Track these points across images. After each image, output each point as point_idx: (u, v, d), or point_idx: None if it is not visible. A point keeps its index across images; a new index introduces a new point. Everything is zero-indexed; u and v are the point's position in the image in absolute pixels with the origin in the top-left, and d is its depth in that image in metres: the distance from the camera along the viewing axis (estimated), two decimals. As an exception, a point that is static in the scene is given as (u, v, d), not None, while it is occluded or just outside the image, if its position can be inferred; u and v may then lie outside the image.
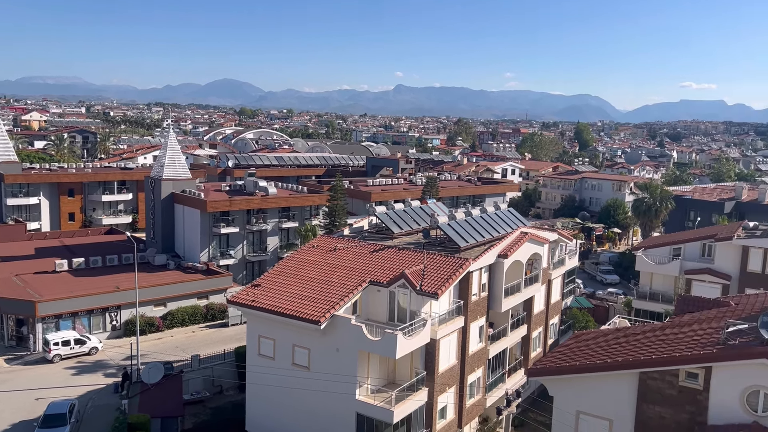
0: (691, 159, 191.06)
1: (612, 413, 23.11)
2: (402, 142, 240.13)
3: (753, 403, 20.47)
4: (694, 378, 21.36)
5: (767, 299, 25.47)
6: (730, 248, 46.57)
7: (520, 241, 38.01)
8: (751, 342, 20.78)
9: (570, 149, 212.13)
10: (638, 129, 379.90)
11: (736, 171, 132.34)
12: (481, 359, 36.34)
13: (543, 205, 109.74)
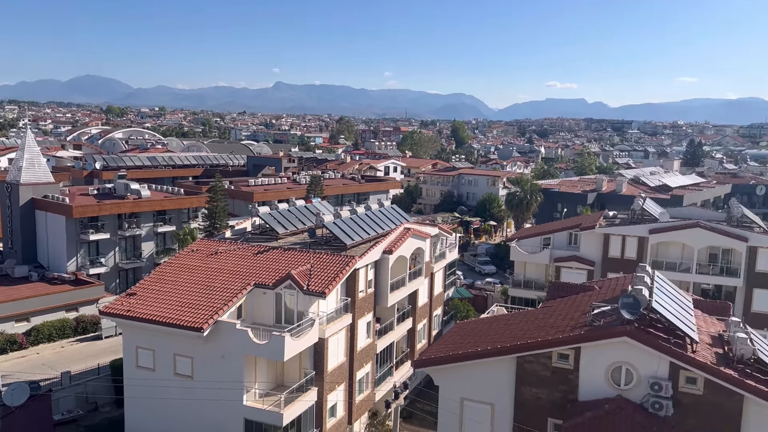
0: (557, 154, 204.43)
1: (493, 397, 24.26)
2: (284, 140, 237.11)
3: (617, 378, 22.31)
4: (565, 359, 22.92)
5: (626, 282, 27.82)
6: (593, 236, 50.44)
7: (404, 237, 38.85)
8: (614, 322, 22.63)
9: (447, 146, 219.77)
10: (509, 126, 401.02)
11: (597, 164, 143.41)
12: (369, 355, 36.77)
13: (424, 201, 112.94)
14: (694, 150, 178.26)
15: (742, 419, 20.69)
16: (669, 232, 47.86)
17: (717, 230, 46.78)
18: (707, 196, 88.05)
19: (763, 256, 45.65)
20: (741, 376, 20.68)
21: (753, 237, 46.10)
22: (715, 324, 25.32)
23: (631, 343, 21.74)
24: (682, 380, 21.33)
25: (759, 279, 45.74)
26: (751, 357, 21.33)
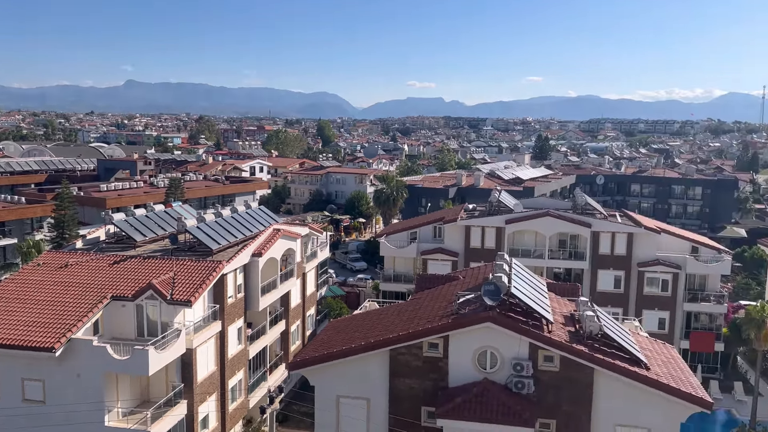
0: (419, 151, 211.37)
1: (368, 392, 24.55)
2: (138, 141, 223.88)
3: (483, 362, 23.48)
4: (435, 348, 23.74)
5: (487, 270, 29.33)
6: (456, 229, 52.75)
7: (274, 238, 38.19)
8: (478, 309, 23.79)
9: (314, 145, 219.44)
10: (373, 125, 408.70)
11: (456, 160, 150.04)
12: (241, 361, 35.76)
13: (293, 201, 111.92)
14: (542, 144, 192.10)
15: (593, 390, 22.63)
16: (523, 221, 51.22)
17: (565, 218, 50.81)
18: (555, 186, 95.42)
19: (604, 240, 50.23)
20: (591, 351, 22.60)
21: (596, 223, 50.60)
22: (567, 304, 27.44)
23: (494, 327, 22.98)
24: (540, 359, 22.90)
25: (602, 261, 50.32)
26: (598, 333, 23.35)
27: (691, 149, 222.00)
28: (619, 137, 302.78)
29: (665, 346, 26.83)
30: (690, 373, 23.87)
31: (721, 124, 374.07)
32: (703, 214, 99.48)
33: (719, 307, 49.41)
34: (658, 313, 49.56)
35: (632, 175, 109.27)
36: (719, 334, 49.44)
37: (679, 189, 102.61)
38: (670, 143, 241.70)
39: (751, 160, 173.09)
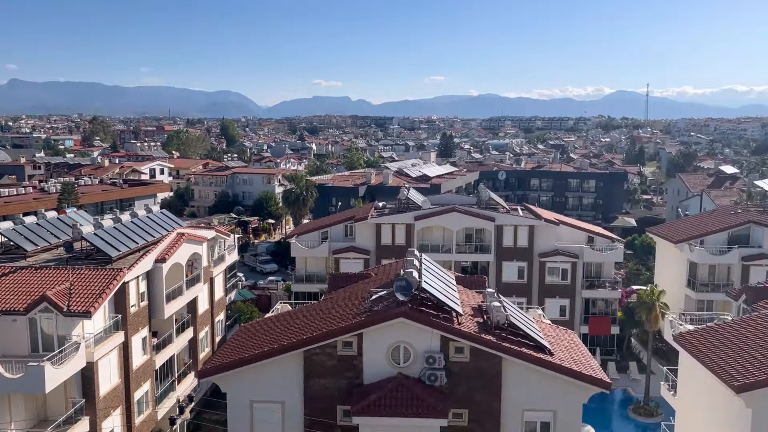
0: (328, 150, 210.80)
1: (283, 395, 24.22)
2: (26, 144, 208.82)
3: (396, 357, 23.76)
4: (349, 346, 23.76)
5: (398, 267, 29.72)
6: (367, 227, 53.08)
7: (178, 243, 36.84)
8: (390, 305, 24.05)
9: (218, 145, 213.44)
10: (280, 124, 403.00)
11: (365, 159, 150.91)
12: (147, 372, 34.27)
13: (197, 204, 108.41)
14: (446, 142, 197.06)
15: (502, 378, 23.47)
16: (431, 217, 52.34)
17: (470, 213, 52.40)
18: (460, 183, 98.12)
19: (508, 233, 52.24)
20: (499, 340, 23.43)
21: (499, 217, 52.52)
22: (475, 296, 28.31)
23: (407, 322, 23.32)
24: (451, 351, 23.48)
25: (506, 253, 52.29)
26: (505, 322, 24.25)
27: (585, 144, 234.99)
28: (518, 134, 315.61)
29: (567, 331, 28.27)
30: (590, 357, 25.27)
31: (611, 121, 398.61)
32: (597, 205, 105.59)
33: (614, 292, 52.69)
34: (559, 300, 52.17)
35: (531, 171, 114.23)
36: (615, 318, 52.74)
37: (575, 182, 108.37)
38: (566, 139, 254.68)
39: (638, 153, 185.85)
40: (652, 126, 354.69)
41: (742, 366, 24.96)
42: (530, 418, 23.69)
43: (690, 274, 52.31)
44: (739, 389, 23.89)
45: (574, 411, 23.61)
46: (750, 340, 26.83)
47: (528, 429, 23.77)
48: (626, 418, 44.24)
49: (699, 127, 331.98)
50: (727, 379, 24.69)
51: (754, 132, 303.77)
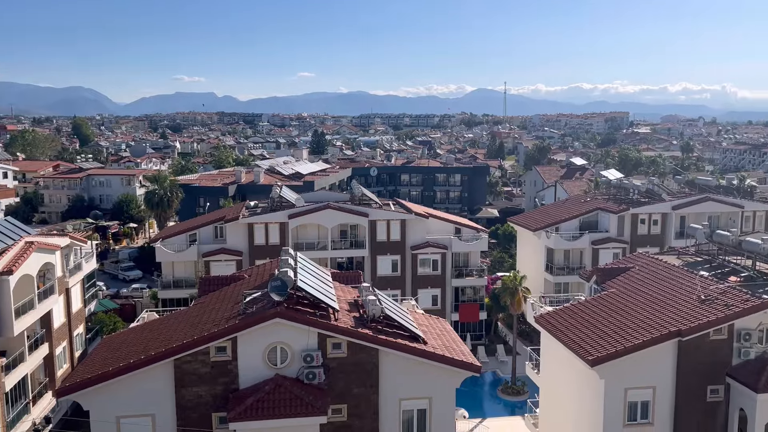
0: (193, 148, 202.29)
1: (153, 408, 22.96)
2: None
3: (273, 359, 23.34)
4: (223, 351, 22.97)
5: (273, 266, 29.20)
6: (238, 227, 51.65)
7: (26, 253, 33.67)
8: (266, 306, 23.57)
9: (70, 146, 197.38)
10: (139, 121, 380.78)
11: (234, 157, 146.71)
12: (-5, 396, 30.98)
13: (48, 209, 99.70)
14: (318, 139, 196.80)
15: (379, 370, 23.83)
16: (305, 215, 52.00)
17: (344, 209, 52.71)
18: (333, 180, 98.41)
19: (381, 228, 53.16)
20: (375, 333, 23.76)
21: (372, 212, 53.31)
22: (351, 291, 28.50)
23: (283, 322, 22.97)
24: (329, 347, 23.46)
25: (380, 247, 53.20)
26: (380, 315, 24.63)
27: (450, 140, 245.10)
28: (388, 131, 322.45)
29: (439, 320, 29.30)
30: (461, 343, 26.37)
31: (473, 117, 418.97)
32: (463, 198, 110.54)
33: (481, 280, 55.43)
34: (431, 290, 54.01)
35: (401, 166, 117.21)
36: (482, 304, 55.51)
37: (442, 177, 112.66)
38: (432, 135, 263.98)
39: (499, 148, 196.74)
40: (510, 122, 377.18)
41: (595, 341, 27.27)
42: (407, 406, 24.30)
43: (548, 259, 56.29)
44: (593, 363, 26.09)
45: (448, 396, 24.53)
46: (601, 317, 29.38)
47: (405, 417, 24.37)
48: (496, 398, 46.77)
49: (551, 122, 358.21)
50: (582, 354, 26.85)
51: (599, 126, 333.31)
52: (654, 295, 29.72)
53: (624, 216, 55.36)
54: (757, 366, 26.18)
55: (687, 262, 33.49)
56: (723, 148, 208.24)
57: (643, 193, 58.46)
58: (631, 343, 26.11)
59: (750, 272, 30.13)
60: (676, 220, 55.36)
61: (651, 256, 35.42)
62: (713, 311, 26.53)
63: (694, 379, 26.68)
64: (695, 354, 26.48)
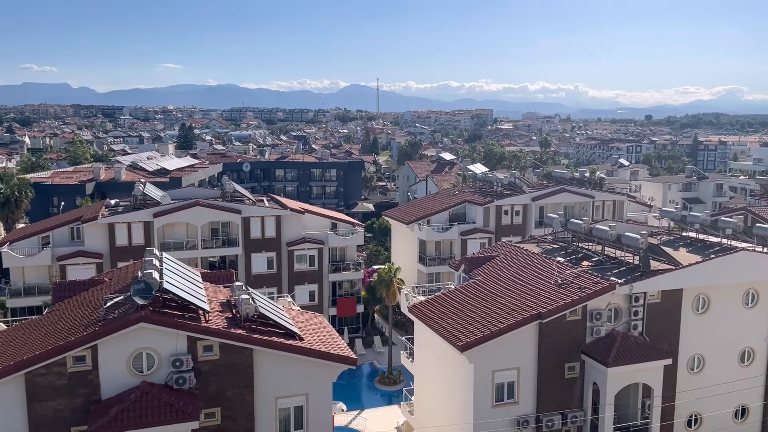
0: (45, 143, 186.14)
1: (2, 428, 20.91)
2: None
3: (139, 366, 22.06)
4: (82, 361, 21.37)
5: (137, 268, 27.57)
6: (97, 228, 48.24)
7: None
8: (129, 311, 22.20)
9: None
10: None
11: (92, 153, 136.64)
12: None
13: None
14: (186, 133, 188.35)
15: (254, 370, 23.29)
16: (172, 213, 49.64)
17: (215, 206, 50.95)
18: (203, 176, 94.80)
19: (255, 225, 52.00)
20: (249, 332, 23.19)
21: (245, 209, 51.99)
22: (223, 291, 27.61)
23: (149, 327, 21.78)
24: (200, 350, 22.58)
25: (254, 245, 52.04)
26: (254, 314, 24.08)
27: (325, 136, 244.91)
28: (261, 125, 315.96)
29: (315, 315, 29.21)
30: (337, 337, 26.46)
31: (347, 113, 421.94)
32: (339, 193, 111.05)
33: (357, 273, 56.02)
34: (308, 286, 53.75)
35: (276, 162, 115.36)
36: (359, 297, 56.15)
37: (318, 172, 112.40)
38: (307, 130, 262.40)
39: (373, 143, 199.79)
40: (383, 118, 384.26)
41: (464, 327, 28.52)
42: (284, 404, 24.01)
43: (420, 250, 58.06)
44: (463, 348, 27.27)
45: (325, 390, 24.54)
46: (469, 304, 30.76)
47: (282, 416, 24.08)
48: (374, 389, 47.55)
49: (422, 119, 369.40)
50: (453, 340, 27.98)
51: (466, 123, 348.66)
52: (517, 281, 31.59)
53: (489, 208, 58.35)
54: (607, 342, 28.66)
55: (545, 249, 35.93)
56: (576, 143, 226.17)
57: (506, 185, 61.95)
58: (497, 328, 27.59)
59: (600, 257, 32.90)
60: (536, 210, 59.24)
61: (513, 245, 37.61)
62: (569, 294, 28.68)
63: (554, 358, 28.71)
64: (554, 334, 28.49)
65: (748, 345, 32.29)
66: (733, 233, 34.57)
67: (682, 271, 29.97)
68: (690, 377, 31.07)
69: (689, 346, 30.89)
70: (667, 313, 30.19)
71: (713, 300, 31.12)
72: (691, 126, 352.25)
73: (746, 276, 31.31)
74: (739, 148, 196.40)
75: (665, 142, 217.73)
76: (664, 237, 36.68)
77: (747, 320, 31.98)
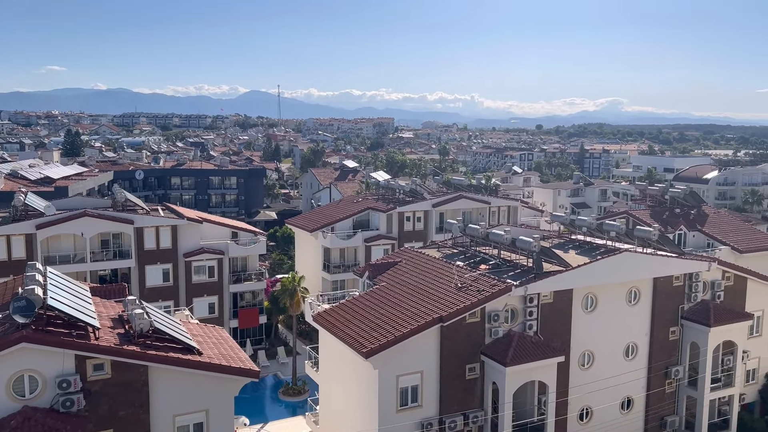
0: None
1: None
2: None
3: (20, 389, 20.44)
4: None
5: (16, 285, 25.57)
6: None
7: None
8: (8, 330, 20.51)
9: None
10: None
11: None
12: None
13: None
14: (72, 140, 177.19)
15: (149, 388, 22.17)
16: (58, 224, 46.47)
17: (105, 216, 48.17)
18: (92, 184, 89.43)
19: (149, 235, 49.66)
20: (143, 348, 22.07)
21: (138, 219, 49.53)
22: (115, 306, 26.14)
23: (31, 347, 20.25)
24: (89, 370, 21.23)
25: (149, 256, 49.68)
26: (149, 329, 22.95)
27: (224, 142, 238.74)
28: (155, 131, 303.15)
29: (215, 328, 28.28)
30: (239, 349, 25.74)
31: (248, 119, 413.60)
32: (240, 201, 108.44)
33: (260, 284, 54.88)
34: (207, 298, 52.02)
35: (172, 169, 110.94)
36: (262, 308, 55.00)
37: (217, 180, 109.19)
38: (205, 137, 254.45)
39: (275, 150, 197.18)
40: (285, 125, 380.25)
41: (368, 334, 28.64)
42: (182, 422, 23.06)
43: (325, 258, 57.81)
44: (367, 354, 27.36)
45: (226, 405, 23.80)
46: (373, 310, 30.94)
47: (181, 434, 23.07)
48: (278, 400, 46.66)
49: (325, 126, 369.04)
50: (357, 347, 28.02)
51: (368, 131, 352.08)
52: (419, 286, 32.16)
53: (392, 214, 59.13)
54: (505, 343, 29.76)
55: (446, 254, 36.86)
56: (473, 151, 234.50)
57: (407, 192, 63.06)
58: (400, 333, 27.92)
59: (497, 260, 34.17)
60: (436, 216, 60.70)
61: (415, 250, 38.30)
62: (468, 297, 29.54)
63: (455, 360, 29.43)
64: (455, 337, 29.23)
65: (632, 340, 34.61)
66: (616, 235, 37.03)
67: (572, 272, 31.70)
68: (581, 373, 32.85)
69: (580, 343, 32.68)
70: (559, 312, 31.80)
71: (600, 299, 33.14)
72: (577, 135, 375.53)
73: (629, 275, 33.61)
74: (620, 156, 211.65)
75: (555, 150, 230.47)
76: (555, 240, 38.70)
77: (630, 317, 34.31)
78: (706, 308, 35.19)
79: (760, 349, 39.18)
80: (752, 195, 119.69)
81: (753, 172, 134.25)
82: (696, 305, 35.49)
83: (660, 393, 35.32)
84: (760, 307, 38.60)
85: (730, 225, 53.93)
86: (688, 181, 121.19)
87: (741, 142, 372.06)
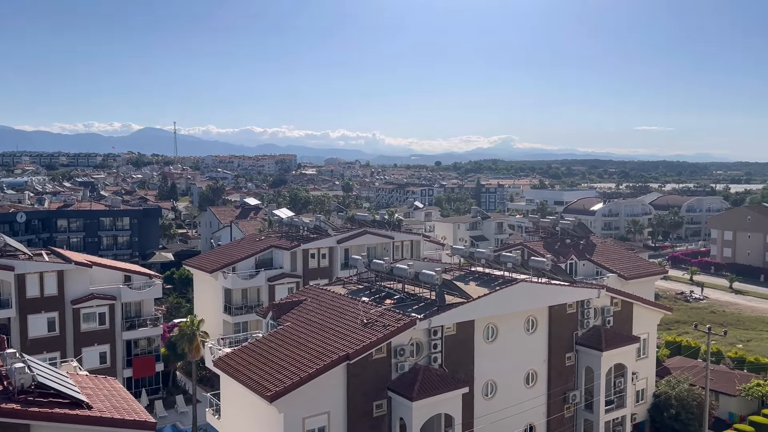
0: None
1: None
2: None
3: None
4: None
5: None
6: None
7: None
8: None
9: None
10: None
11: None
12: None
13: None
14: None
15: (30, 449, 20.25)
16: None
17: (-20, 263, 44.20)
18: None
19: (32, 282, 46.03)
20: (25, 405, 20.17)
21: (19, 265, 45.83)
22: (-10, 361, 23.81)
23: None
24: (-41, 434, 19.11)
25: (31, 305, 45.96)
26: (31, 384, 21.06)
27: (116, 181, 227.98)
28: (39, 171, 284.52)
29: (107, 379, 26.40)
30: (133, 401, 24.11)
31: (142, 157, 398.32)
32: (133, 242, 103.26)
33: (155, 329, 52.09)
34: (98, 348, 48.70)
35: (58, 210, 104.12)
36: (158, 355, 52.11)
37: (108, 221, 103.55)
38: (95, 176, 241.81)
39: (171, 189, 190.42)
40: (182, 162, 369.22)
41: (272, 376, 27.84)
42: (69, 486, 21.11)
43: (226, 299, 55.91)
44: (272, 398, 26.54)
45: (118, 463, 22.08)
46: (278, 352, 30.17)
47: (68, 499, 21.11)
48: (178, 453, 44.08)
49: (225, 163, 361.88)
50: (261, 390, 27.13)
51: (270, 168, 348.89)
52: (325, 324, 31.76)
53: (296, 252, 58.39)
54: (411, 377, 29.87)
55: (351, 290, 36.74)
56: (376, 187, 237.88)
57: (311, 229, 62.65)
58: (306, 373, 27.32)
59: (401, 294, 34.48)
60: (341, 252, 60.60)
61: (321, 288, 37.92)
62: (374, 333, 29.50)
63: (362, 398, 29.13)
64: (362, 374, 28.99)
65: (531, 367, 35.83)
66: (513, 266, 38.53)
67: (473, 303, 32.53)
68: (485, 402, 33.51)
69: (483, 373, 33.40)
70: (463, 343, 32.43)
71: (500, 328, 34.16)
72: (474, 171, 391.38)
73: (526, 304, 34.95)
74: (514, 190, 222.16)
75: (453, 185, 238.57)
76: (456, 272, 39.67)
77: (529, 345, 35.57)
78: (597, 333, 37.16)
79: (647, 370, 41.79)
80: (634, 225, 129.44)
81: (634, 203, 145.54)
82: (588, 331, 37.41)
83: (560, 418, 36.64)
84: (645, 330, 41.29)
85: (616, 253, 57.69)
86: (577, 212, 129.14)
87: (622, 175, 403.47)
